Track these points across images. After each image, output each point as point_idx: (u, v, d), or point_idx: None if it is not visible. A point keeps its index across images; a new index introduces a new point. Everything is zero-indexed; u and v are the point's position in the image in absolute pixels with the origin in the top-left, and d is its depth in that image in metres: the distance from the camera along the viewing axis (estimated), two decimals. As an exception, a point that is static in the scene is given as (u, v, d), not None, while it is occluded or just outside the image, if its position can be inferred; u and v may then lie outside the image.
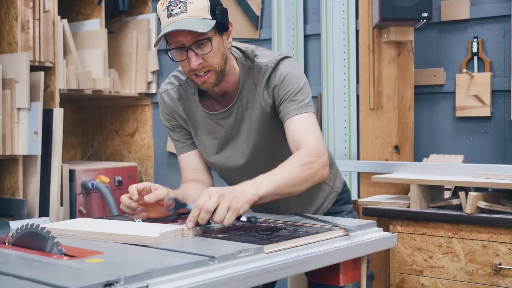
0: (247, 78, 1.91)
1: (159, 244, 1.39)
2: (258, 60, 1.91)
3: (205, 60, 1.78)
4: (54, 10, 3.23)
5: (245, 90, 1.91)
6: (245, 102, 1.92)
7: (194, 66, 1.78)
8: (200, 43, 1.76)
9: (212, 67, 1.80)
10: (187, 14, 1.73)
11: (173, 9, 1.75)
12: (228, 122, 1.94)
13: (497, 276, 2.38)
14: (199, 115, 1.98)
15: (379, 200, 2.72)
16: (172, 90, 2.03)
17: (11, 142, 2.99)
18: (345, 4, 3.22)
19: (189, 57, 1.77)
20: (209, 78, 1.81)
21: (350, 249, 1.52)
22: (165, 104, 2.05)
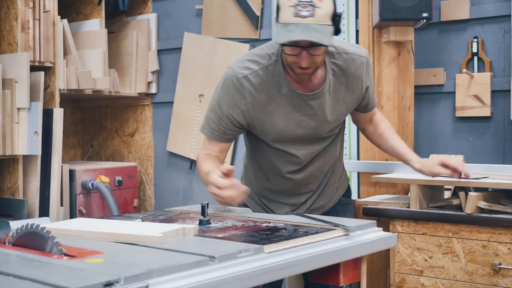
0: (332, 64, 2.03)
1: (162, 243, 1.39)
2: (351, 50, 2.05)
3: (314, 59, 1.88)
4: (54, 10, 3.23)
5: (330, 75, 2.02)
6: (331, 85, 2.03)
7: (304, 65, 1.88)
8: (316, 46, 1.85)
9: (316, 64, 1.92)
10: (314, 19, 1.79)
11: (301, 10, 1.79)
12: (316, 103, 2.03)
13: (497, 276, 2.38)
14: (286, 95, 2.01)
15: (379, 200, 2.72)
16: (252, 75, 2.00)
17: (11, 142, 3.00)
18: (345, 4, 3.22)
19: (302, 56, 1.86)
20: (309, 70, 1.92)
21: (350, 249, 1.53)
22: (241, 91, 2.00)
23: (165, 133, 3.97)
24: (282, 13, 1.83)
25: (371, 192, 3.02)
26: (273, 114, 2.04)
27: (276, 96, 2.02)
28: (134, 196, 3.79)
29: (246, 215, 1.87)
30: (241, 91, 1.99)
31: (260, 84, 2.00)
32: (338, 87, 2.05)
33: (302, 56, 1.86)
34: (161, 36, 3.99)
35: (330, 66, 2.02)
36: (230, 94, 2.01)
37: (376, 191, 3.01)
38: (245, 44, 3.60)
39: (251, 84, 2.00)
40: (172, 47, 3.92)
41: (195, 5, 3.83)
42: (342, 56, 2.04)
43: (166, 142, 3.96)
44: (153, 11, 4.01)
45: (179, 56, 3.86)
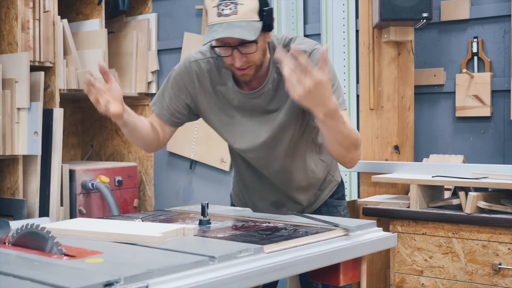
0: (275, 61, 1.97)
1: (162, 243, 1.39)
2: (295, 46, 1.97)
3: (248, 58, 1.85)
4: (54, 10, 3.23)
5: (274, 73, 1.98)
6: (275, 84, 1.98)
7: (238, 65, 1.85)
8: (246, 44, 1.82)
9: (253, 63, 1.88)
10: (237, 16, 1.78)
11: (223, 9, 1.79)
12: (258, 101, 2.00)
13: (497, 276, 2.38)
14: (231, 89, 2.01)
15: (379, 200, 2.72)
16: (203, 61, 2.03)
17: (11, 142, 3.00)
18: (345, 4, 3.22)
19: (234, 55, 1.84)
20: (249, 71, 1.89)
21: (350, 249, 1.52)
22: (190, 73, 2.03)
23: (165, 133, 3.97)
24: (208, 16, 1.83)
25: (371, 192, 3.02)
26: (217, 105, 2.04)
27: (222, 88, 2.02)
28: (134, 196, 3.79)
29: (246, 215, 1.87)
30: (190, 74, 2.03)
31: (209, 71, 2.01)
32: (283, 85, 1.93)
33: (234, 56, 1.84)
34: (161, 36, 3.99)
35: (274, 64, 1.97)
36: (181, 75, 2.05)
37: (376, 191, 3.01)
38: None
39: (199, 69, 2.02)
40: (172, 47, 3.92)
41: (195, 5, 3.83)
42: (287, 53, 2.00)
43: (166, 142, 3.96)
44: (153, 11, 4.01)
45: (179, 56, 3.86)
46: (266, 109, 2.00)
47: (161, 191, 4.02)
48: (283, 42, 1.99)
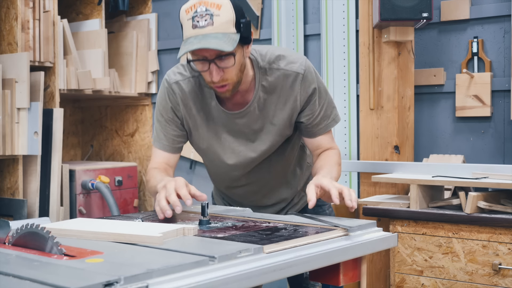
0: (262, 80, 1.93)
1: (162, 243, 1.39)
2: (286, 66, 1.92)
3: (226, 73, 1.79)
4: (54, 10, 3.23)
5: (260, 91, 1.93)
6: (261, 103, 1.94)
7: (215, 79, 1.78)
8: (223, 57, 1.77)
9: (231, 79, 1.81)
10: (213, 28, 1.72)
11: (198, 21, 1.74)
12: (243, 121, 1.96)
13: (497, 276, 2.38)
14: (214, 108, 1.96)
15: (379, 200, 2.72)
16: (183, 81, 1.97)
17: (11, 142, 2.99)
18: (345, 4, 3.22)
19: (211, 70, 1.78)
20: (227, 89, 1.83)
21: (350, 249, 1.52)
22: (173, 95, 1.98)
23: (165, 133, 3.97)
24: (183, 30, 1.78)
25: (371, 192, 3.02)
26: (203, 125, 1.99)
27: (205, 107, 1.97)
28: (134, 196, 3.79)
29: (246, 215, 1.87)
30: (174, 96, 1.97)
31: (191, 92, 1.96)
32: (269, 104, 1.94)
33: (211, 70, 1.77)
34: (161, 36, 3.99)
35: (260, 82, 1.92)
36: (166, 101, 1.99)
37: (376, 191, 3.01)
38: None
39: (181, 90, 1.96)
40: (172, 47, 3.92)
41: (195, 5, 3.83)
42: (274, 72, 1.91)
43: (166, 142, 3.96)
44: (153, 11, 4.01)
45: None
46: (251, 128, 1.96)
47: (161, 191, 4.01)
48: (268, 60, 1.92)
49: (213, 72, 1.78)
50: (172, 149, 2.02)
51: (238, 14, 1.77)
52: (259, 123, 1.96)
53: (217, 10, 1.74)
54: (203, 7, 1.74)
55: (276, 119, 1.95)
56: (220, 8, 1.74)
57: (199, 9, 1.74)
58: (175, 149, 2.03)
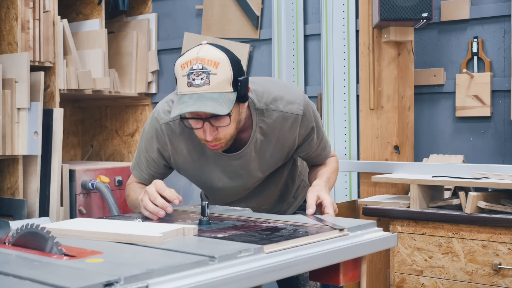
0: (260, 122, 1.87)
1: (162, 243, 1.39)
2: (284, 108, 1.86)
3: (220, 132, 1.73)
4: (54, 10, 3.23)
5: (257, 133, 1.88)
6: (257, 144, 1.89)
7: (209, 138, 1.72)
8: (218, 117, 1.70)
9: (225, 138, 1.75)
10: (209, 88, 1.64)
11: (194, 79, 1.65)
12: (238, 163, 1.91)
13: (497, 276, 2.38)
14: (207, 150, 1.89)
15: (379, 200, 2.72)
16: (174, 123, 1.88)
17: (11, 142, 2.99)
18: (345, 4, 3.22)
19: (205, 129, 1.71)
20: (220, 146, 1.78)
21: (350, 249, 1.52)
22: (162, 137, 1.90)
23: (165, 133, 3.97)
24: (178, 85, 1.70)
25: (371, 192, 3.02)
26: (195, 165, 1.94)
27: (198, 148, 1.90)
28: (134, 196, 3.78)
29: (246, 215, 1.87)
30: (163, 138, 1.90)
31: (181, 133, 1.88)
32: (266, 145, 1.90)
33: (205, 128, 1.70)
34: (161, 36, 3.99)
35: (258, 124, 1.86)
36: (153, 140, 1.92)
37: (376, 191, 3.01)
38: (245, 44, 3.60)
39: (171, 131, 1.88)
40: (172, 47, 3.92)
41: (195, 5, 3.83)
42: (272, 113, 1.84)
43: (166, 142, 3.96)
44: (153, 11, 4.01)
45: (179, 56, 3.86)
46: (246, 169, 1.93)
47: (161, 191, 4.02)
48: (265, 101, 1.85)
49: (207, 131, 1.71)
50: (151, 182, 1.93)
51: (235, 72, 1.69)
52: (255, 163, 1.92)
53: (214, 68, 1.65)
54: (199, 65, 1.65)
55: (272, 159, 1.93)
56: (217, 67, 1.65)
57: (195, 66, 1.66)
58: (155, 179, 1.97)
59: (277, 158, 1.94)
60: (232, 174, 1.94)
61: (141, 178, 2.01)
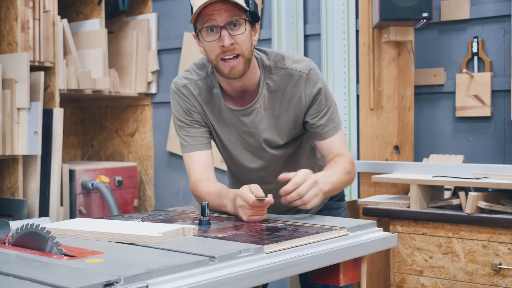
0: (267, 79, 1.93)
1: (161, 243, 1.39)
2: (291, 65, 1.92)
3: (237, 43, 1.79)
4: (54, 10, 3.23)
5: (264, 89, 1.93)
6: (265, 101, 1.94)
7: (227, 43, 1.77)
8: (234, 24, 1.78)
9: (242, 51, 1.81)
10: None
11: None
12: (249, 120, 1.96)
13: (497, 276, 2.38)
14: (222, 108, 1.97)
15: (379, 200, 2.72)
16: (191, 85, 1.98)
17: (11, 142, 2.99)
18: (345, 4, 3.22)
19: (222, 35, 1.77)
20: (238, 64, 1.81)
21: (350, 249, 1.52)
22: (185, 99, 1.98)
23: (165, 133, 3.97)
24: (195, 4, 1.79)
25: (371, 192, 3.02)
26: (214, 125, 2.01)
27: (215, 108, 1.98)
28: (134, 196, 3.79)
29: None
30: (186, 99, 1.98)
31: (200, 94, 1.97)
32: (274, 103, 1.94)
33: (222, 36, 1.77)
34: (161, 36, 3.99)
35: (265, 81, 1.93)
36: (180, 104, 1.99)
37: (376, 191, 3.01)
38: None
39: (190, 93, 1.98)
40: (172, 47, 3.92)
41: (195, 5, 3.83)
42: (279, 71, 1.92)
43: (166, 142, 3.96)
44: (153, 11, 4.01)
45: (179, 56, 3.86)
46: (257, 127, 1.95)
47: (161, 191, 4.02)
48: (273, 59, 1.93)
49: (225, 37, 1.77)
50: (202, 146, 2.00)
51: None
52: (267, 122, 1.95)
53: None
54: None
55: (281, 118, 1.95)
56: None
57: None
58: (205, 146, 2.01)
59: (288, 120, 1.95)
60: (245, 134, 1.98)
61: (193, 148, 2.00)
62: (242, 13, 1.80)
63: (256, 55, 1.94)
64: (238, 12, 1.78)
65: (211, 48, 1.82)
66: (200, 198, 1.93)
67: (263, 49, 1.98)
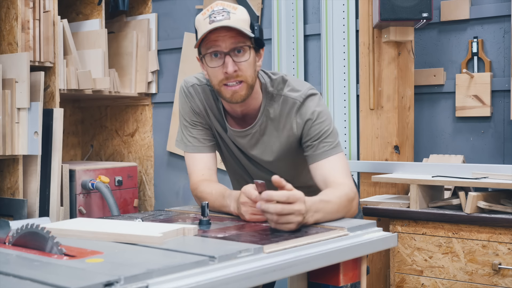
0: (268, 105, 1.93)
1: (162, 243, 1.39)
2: (287, 92, 1.92)
3: (240, 69, 1.79)
4: (54, 10, 3.23)
5: (264, 116, 1.93)
6: (263, 127, 1.94)
7: (230, 70, 1.77)
8: (239, 50, 1.79)
9: (245, 78, 1.81)
10: (230, 22, 1.75)
11: (216, 16, 1.76)
12: (243, 142, 1.97)
13: (497, 276, 2.38)
14: (222, 122, 1.99)
15: (379, 200, 2.72)
16: (200, 86, 2.00)
17: (11, 142, 2.99)
18: (345, 4, 3.22)
19: (226, 62, 1.78)
20: (240, 89, 1.81)
21: (350, 249, 1.52)
22: (192, 97, 1.99)
23: (165, 133, 3.97)
24: (199, 29, 1.80)
25: (371, 192, 3.02)
26: (217, 130, 2.03)
27: (217, 117, 1.99)
28: (134, 196, 3.79)
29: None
30: (192, 98, 1.99)
31: (206, 98, 1.98)
32: (271, 131, 1.95)
33: (226, 62, 1.78)
34: (161, 36, 3.99)
35: (266, 107, 1.93)
36: (186, 103, 2.01)
37: (376, 191, 3.01)
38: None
39: (198, 94, 1.99)
40: (172, 47, 3.92)
41: (195, 5, 3.83)
42: (279, 98, 1.93)
43: (166, 142, 3.96)
44: (153, 11, 4.01)
45: (179, 56, 3.86)
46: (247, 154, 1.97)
47: (161, 191, 4.02)
48: (276, 86, 1.92)
49: (228, 64, 1.77)
50: (206, 148, 2.00)
51: (252, 19, 1.82)
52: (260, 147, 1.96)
53: (234, 10, 1.78)
54: (219, 7, 1.78)
55: (275, 145, 1.96)
56: (236, 9, 1.79)
57: (216, 8, 1.78)
58: (208, 148, 2.01)
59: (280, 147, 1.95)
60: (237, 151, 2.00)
61: (197, 150, 2.00)
62: (247, 40, 1.80)
63: (261, 79, 1.94)
64: (242, 39, 1.79)
65: (214, 73, 1.82)
66: (201, 198, 1.93)
67: (269, 73, 1.96)
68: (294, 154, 1.98)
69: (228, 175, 2.23)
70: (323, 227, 1.61)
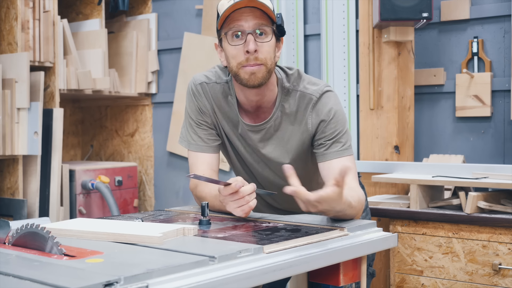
0: (283, 100, 1.91)
1: (161, 243, 1.39)
2: (303, 87, 1.91)
3: (261, 51, 1.78)
4: (54, 10, 3.23)
5: (279, 111, 1.92)
6: (277, 123, 1.92)
7: (251, 48, 1.75)
8: (261, 33, 1.78)
9: (265, 61, 1.79)
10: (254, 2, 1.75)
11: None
12: (255, 138, 1.94)
13: (497, 276, 2.38)
14: (235, 117, 1.95)
15: (379, 200, 2.72)
16: (209, 85, 1.97)
17: (11, 142, 2.99)
18: (345, 4, 3.22)
19: (248, 40, 1.76)
20: (258, 71, 1.79)
21: (350, 249, 1.52)
22: (200, 96, 1.97)
23: (165, 133, 3.97)
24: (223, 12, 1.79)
25: (371, 192, 3.02)
26: (225, 129, 1.99)
27: (228, 114, 1.97)
28: (134, 196, 3.79)
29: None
30: (199, 96, 1.97)
31: (214, 96, 1.96)
32: (286, 126, 1.92)
33: (248, 41, 1.76)
34: (161, 36, 3.99)
35: (281, 102, 1.91)
36: (193, 101, 1.99)
37: (376, 191, 3.01)
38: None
39: (206, 92, 1.97)
40: (172, 47, 3.92)
41: (195, 5, 3.83)
42: (295, 93, 1.91)
43: (166, 142, 3.96)
44: (153, 11, 4.01)
45: (179, 56, 3.86)
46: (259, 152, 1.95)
47: (161, 191, 4.02)
48: (292, 81, 1.91)
49: (250, 42, 1.76)
50: (209, 148, 1.98)
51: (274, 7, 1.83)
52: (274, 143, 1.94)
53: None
54: None
55: (290, 142, 1.93)
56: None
57: None
58: (212, 149, 1.99)
59: (295, 144, 1.93)
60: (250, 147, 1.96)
61: (200, 149, 1.98)
62: (270, 23, 1.80)
63: (278, 74, 1.93)
64: (265, 21, 1.79)
65: (234, 53, 1.80)
66: (200, 198, 1.92)
67: (284, 68, 1.95)
68: (305, 154, 1.95)
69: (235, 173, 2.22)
70: (323, 227, 1.61)
